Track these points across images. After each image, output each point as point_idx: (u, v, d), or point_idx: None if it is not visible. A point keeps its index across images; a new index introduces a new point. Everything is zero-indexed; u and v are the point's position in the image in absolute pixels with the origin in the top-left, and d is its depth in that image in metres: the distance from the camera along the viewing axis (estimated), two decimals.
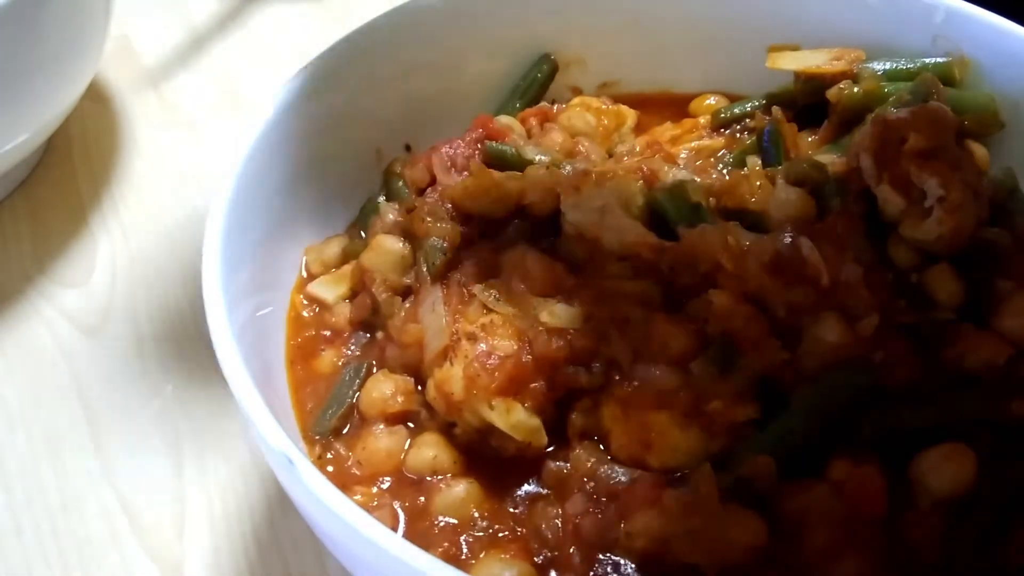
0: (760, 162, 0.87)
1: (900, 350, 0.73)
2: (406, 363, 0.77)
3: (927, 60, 0.92)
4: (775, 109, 0.90)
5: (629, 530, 0.67)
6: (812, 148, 0.91)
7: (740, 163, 0.89)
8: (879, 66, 0.91)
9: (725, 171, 0.89)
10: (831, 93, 0.88)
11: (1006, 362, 0.75)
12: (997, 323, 0.77)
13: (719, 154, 0.91)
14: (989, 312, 0.77)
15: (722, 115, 0.96)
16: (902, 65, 0.92)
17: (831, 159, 0.83)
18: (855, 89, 0.87)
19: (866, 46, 0.94)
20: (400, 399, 0.77)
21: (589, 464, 0.71)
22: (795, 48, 0.96)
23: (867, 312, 0.75)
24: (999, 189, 0.86)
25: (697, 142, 0.93)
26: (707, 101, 1.01)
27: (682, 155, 0.91)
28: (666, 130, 0.99)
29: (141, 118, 1.28)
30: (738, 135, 0.92)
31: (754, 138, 0.90)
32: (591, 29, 1.01)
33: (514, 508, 0.72)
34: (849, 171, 0.81)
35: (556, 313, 0.73)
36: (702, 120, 0.98)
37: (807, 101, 0.93)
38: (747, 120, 0.93)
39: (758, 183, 0.82)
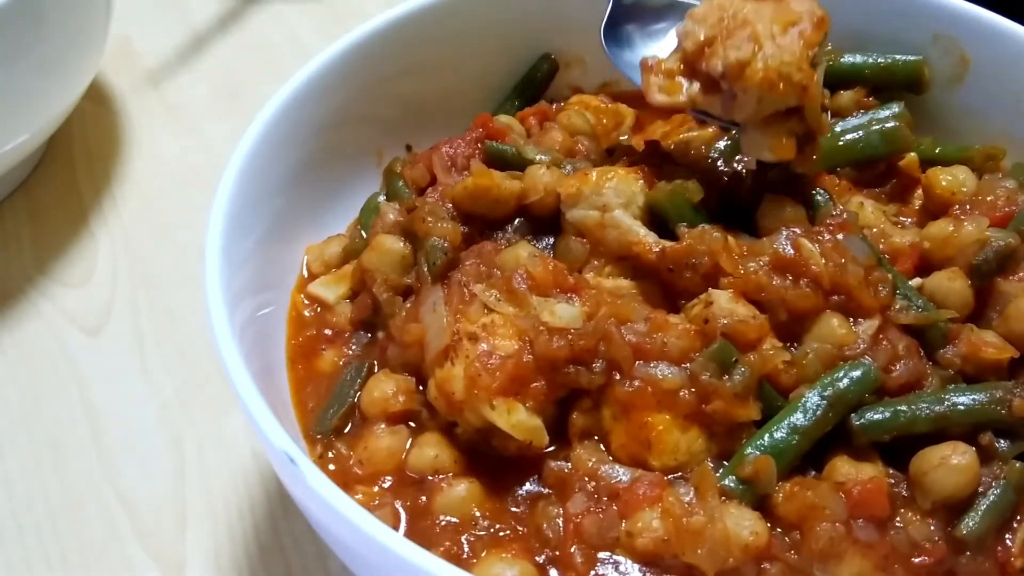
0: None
1: (901, 350, 0.73)
2: (407, 363, 0.77)
3: (897, 57, 0.95)
4: None
5: (630, 529, 0.67)
6: None
7: (734, 152, 0.89)
8: (849, 59, 0.95)
9: (720, 160, 0.89)
10: None
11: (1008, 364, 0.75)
12: (1000, 324, 0.76)
13: (716, 144, 0.91)
14: (992, 313, 0.77)
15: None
16: (872, 59, 0.95)
17: None
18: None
19: (866, 45, 0.95)
20: (401, 399, 0.77)
21: (590, 464, 0.71)
22: None
23: (868, 313, 0.75)
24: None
25: (686, 134, 0.94)
26: None
27: (672, 148, 0.90)
28: (658, 127, 0.99)
29: (141, 118, 1.28)
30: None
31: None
32: (591, 29, 1.01)
33: (515, 507, 0.72)
34: None
35: (557, 313, 0.73)
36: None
37: None
38: None
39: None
